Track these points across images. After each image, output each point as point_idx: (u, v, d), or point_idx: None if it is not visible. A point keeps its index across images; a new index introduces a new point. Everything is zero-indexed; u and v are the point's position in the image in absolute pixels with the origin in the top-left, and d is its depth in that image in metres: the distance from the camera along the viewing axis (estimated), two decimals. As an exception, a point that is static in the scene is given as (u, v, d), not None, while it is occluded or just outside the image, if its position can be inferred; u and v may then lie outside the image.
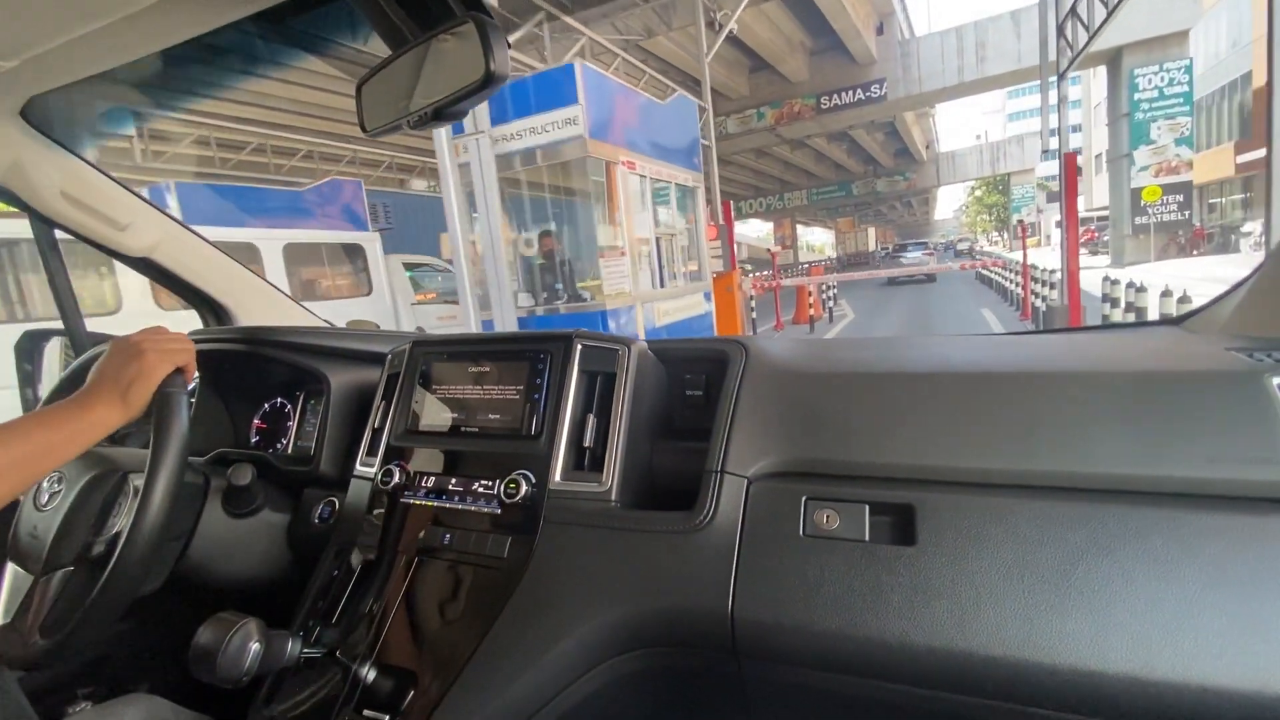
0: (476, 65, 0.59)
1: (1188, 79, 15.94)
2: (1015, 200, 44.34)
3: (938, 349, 0.84)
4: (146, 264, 1.25)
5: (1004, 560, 0.57)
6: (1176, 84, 15.97)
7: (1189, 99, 16.10)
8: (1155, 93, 16.00)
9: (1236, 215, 21.10)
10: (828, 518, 0.66)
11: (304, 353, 1.07)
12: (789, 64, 17.74)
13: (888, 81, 18.21)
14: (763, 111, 19.35)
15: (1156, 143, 16.14)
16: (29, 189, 1.05)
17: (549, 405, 0.80)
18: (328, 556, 0.89)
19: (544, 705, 0.67)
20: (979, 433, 0.66)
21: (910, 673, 0.58)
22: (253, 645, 0.64)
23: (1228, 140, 20.66)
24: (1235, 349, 0.68)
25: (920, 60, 18.37)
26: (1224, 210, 22.02)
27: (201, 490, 0.91)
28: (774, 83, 19.08)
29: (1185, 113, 16.14)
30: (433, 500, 0.84)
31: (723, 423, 0.75)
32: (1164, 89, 16.02)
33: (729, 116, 19.55)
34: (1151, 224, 16.55)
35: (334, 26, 1.46)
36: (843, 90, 18.45)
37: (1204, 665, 0.49)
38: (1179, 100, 16.06)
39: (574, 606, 0.69)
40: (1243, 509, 0.55)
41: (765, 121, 19.40)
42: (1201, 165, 18.58)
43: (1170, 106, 16.07)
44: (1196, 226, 18.54)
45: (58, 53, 0.75)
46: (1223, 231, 20.10)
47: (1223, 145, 20.81)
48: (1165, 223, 16.58)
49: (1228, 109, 20.90)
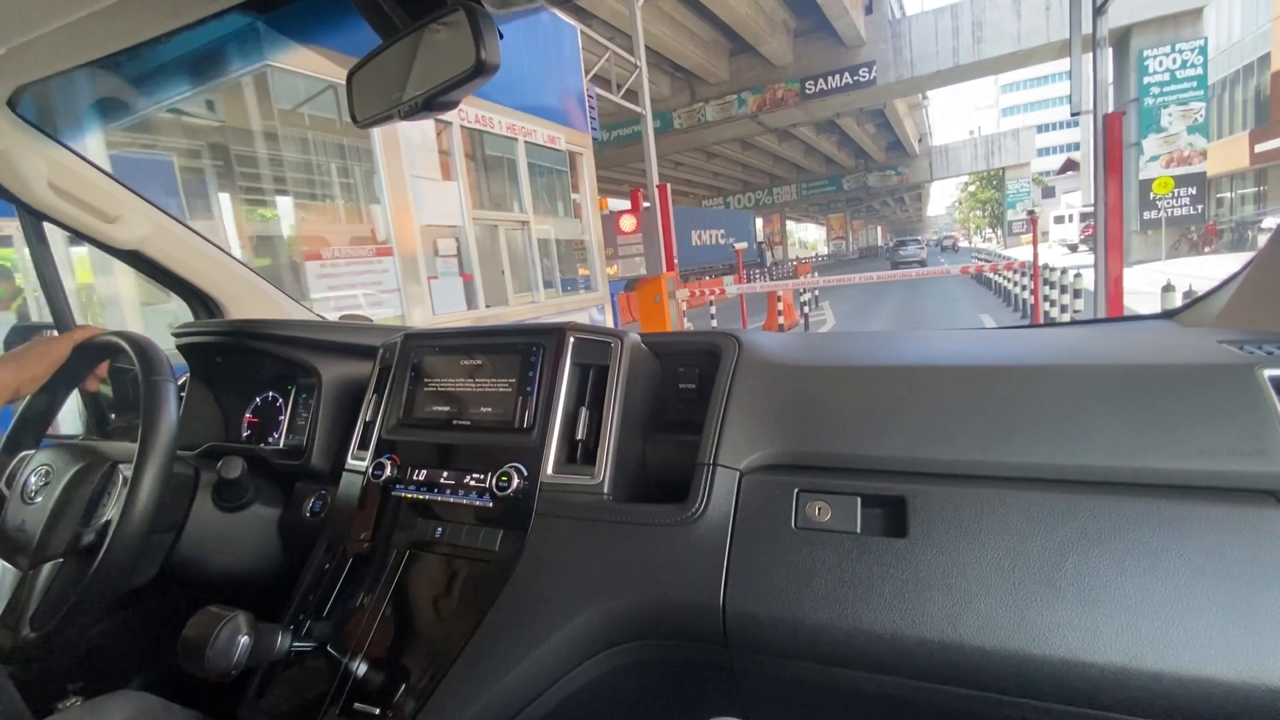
0: (467, 54, 0.59)
1: (1202, 61, 14.74)
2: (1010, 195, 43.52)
3: (930, 343, 0.84)
4: (136, 257, 1.23)
5: (995, 552, 0.58)
6: (1190, 66, 14.77)
7: (1203, 83, 14.90)
8: (1166, 76, 14.81)
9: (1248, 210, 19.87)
10: (819, 510, 0.66)
11: (295, 346, 1.06)
12: (771, 45, 16.57)
13: (877, 65, 17.20)
14: (744, 97, 18.18)
15: (1167, 130, 14.96)
16: (16, 180, 1.05)
17: (541, 398, 0.80)
18: (319, 550, 0.88)
19: (536, 698, 0.68)
20: (971, 425, 0.66)
21: (901, 664, 0.58)
22: (241, 638, 0.64)
23: (1242, 129, 19.41)
24: (1227, 342, 0.69)
25: (912, 42, 17.29)
26: (1232, 205, 20.80)
27: (191, 483, 0.92)
28: (755, 66, 17.96)
29: (1199, 97, 14.93)
30: (424, 493, 0.84)
31: (715, 415, 0.75)
32: (1176, 72, 14.85)
33: (707, 103, 18.45)
34: (1162, 219, 15.33)
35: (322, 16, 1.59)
36: (829, 74, 17.33)
37: (1194, 656, 0.50)
38: (1192, 84, 14.86)
39: (566, 599, 0.69)
40: (1233, 500, 0.55)
41: (747, 108, 18.17)
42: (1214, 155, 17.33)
43: (1183, 91, 14.87)
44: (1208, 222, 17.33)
45: (44, 41, 0.76)
46: (1238, 227, 18.84)
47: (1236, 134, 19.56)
48: (1176, 217, 15.38)
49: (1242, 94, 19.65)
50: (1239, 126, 19.75)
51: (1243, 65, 19.27)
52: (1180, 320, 0.93)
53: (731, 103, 18.38)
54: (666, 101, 18.75)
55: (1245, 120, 19.49)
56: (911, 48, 17.29)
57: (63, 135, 1.07)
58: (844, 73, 17.22)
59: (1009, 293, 10.55)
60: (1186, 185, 15.11)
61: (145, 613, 1.03)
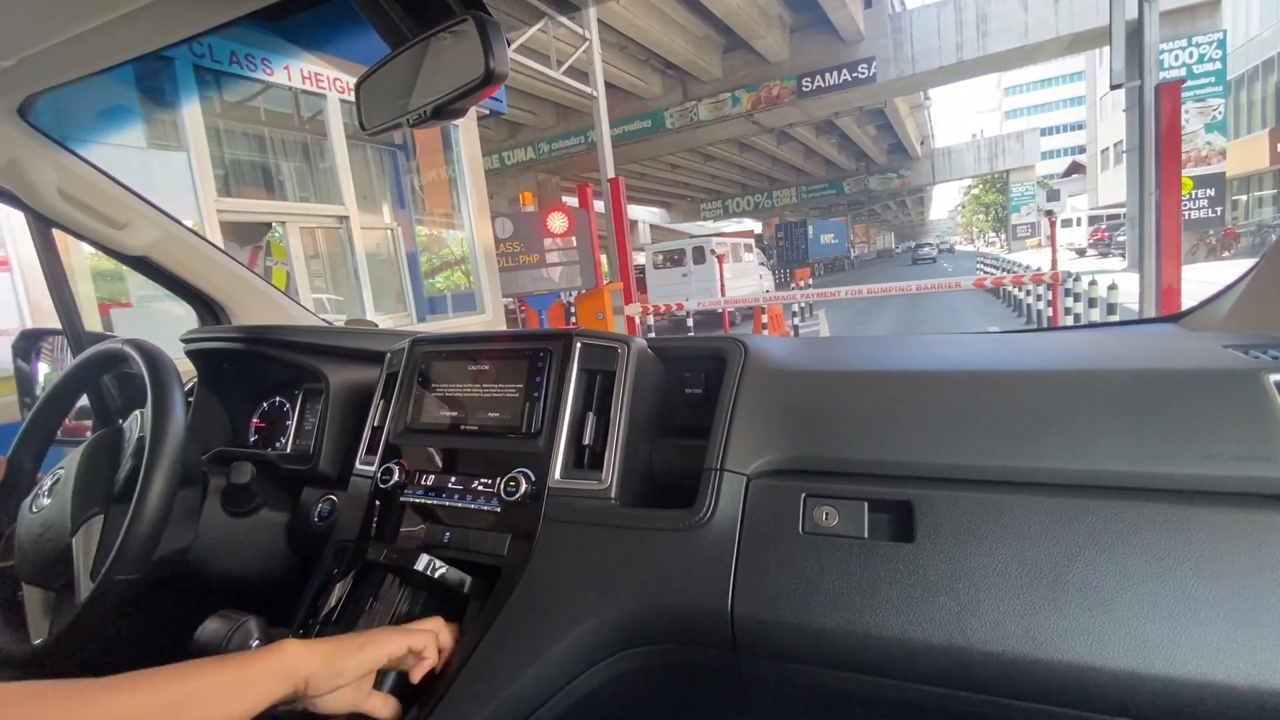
0: (476, 63, 0.59)
1: (1220, 55, 13.94)
2: (1014, 199, 42.64)
3: (937, 347, 0.84)
4: (144, 263, 1.25)
5: (1002, 556, 0.58)
6: (1208, 61, 13.99)
7: (1222, 78, 14.12)
8: (1183, 71, 13.94)
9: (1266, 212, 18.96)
10: (827, 515, 0.66)
11: (303, 351, 1.07)
12: (765, 40, 15.83)
13: (877, 61, 16.40)
14: (738, 96, 17.38)
15: (1184, 129, 14.06)
16: (26, 188, 1.05)
17: (548, 403, 0.80)
18: (327, 555, 0.89)
19: (544, 702, 0.68)
20: (978, 430, 0.66)
21: (909, 669, 0.58)
22: (253, 643, 0.65)
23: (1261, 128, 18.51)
24: (1233, 346, 0.69)
25: (913, 36, 16.52)
26: (1249, 207, 19.89)
27: (200, 487, 0.91)
28: (750, 63, 17.22)
29: (1217, 94, 14.16)
30: (432, 498, 0.84)
31: (722, 421, 0.75)
32: (1193, 67, 14.01)
33: (700, 101, 17.66)
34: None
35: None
36: (827, 71, 16.55)
37: (1201, 660, 0.50)
38: (1210, 80, 14.08)
39: (574, 604, 0.70)
40: (1239, 505, 0.55)
41: (741, 107, 17.37)
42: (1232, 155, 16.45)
43: (1200, 87, 14.09)
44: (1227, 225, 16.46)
45: (55, 51, 0.76)
46: (1258, 230, 17.90)
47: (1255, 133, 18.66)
48: (1194, 220, 14.55)
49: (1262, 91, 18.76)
50: (1258, 125, 18.86)
51: (1262, 60, 18.39)
52: (1185, 324, 0.95)
53: (725, 101, 17.58)
54: (658, 100, 18.05)
55: (1265, 119, 18.59)
56: (913, 43, 16.52)
57: (72, 142, 1.06)
58: (842, 69, 16.40)
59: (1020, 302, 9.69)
60: (1205, 186, 14.32)
61: (154, 617, 0.98)
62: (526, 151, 19.43)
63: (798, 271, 22.54)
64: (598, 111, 6.15)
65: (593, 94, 6.15)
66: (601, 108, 6.11)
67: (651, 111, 18.07)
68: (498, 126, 19.71)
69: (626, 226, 4.94)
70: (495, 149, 20.14)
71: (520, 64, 5.95)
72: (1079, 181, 38.08)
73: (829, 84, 16.55)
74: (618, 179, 5.50)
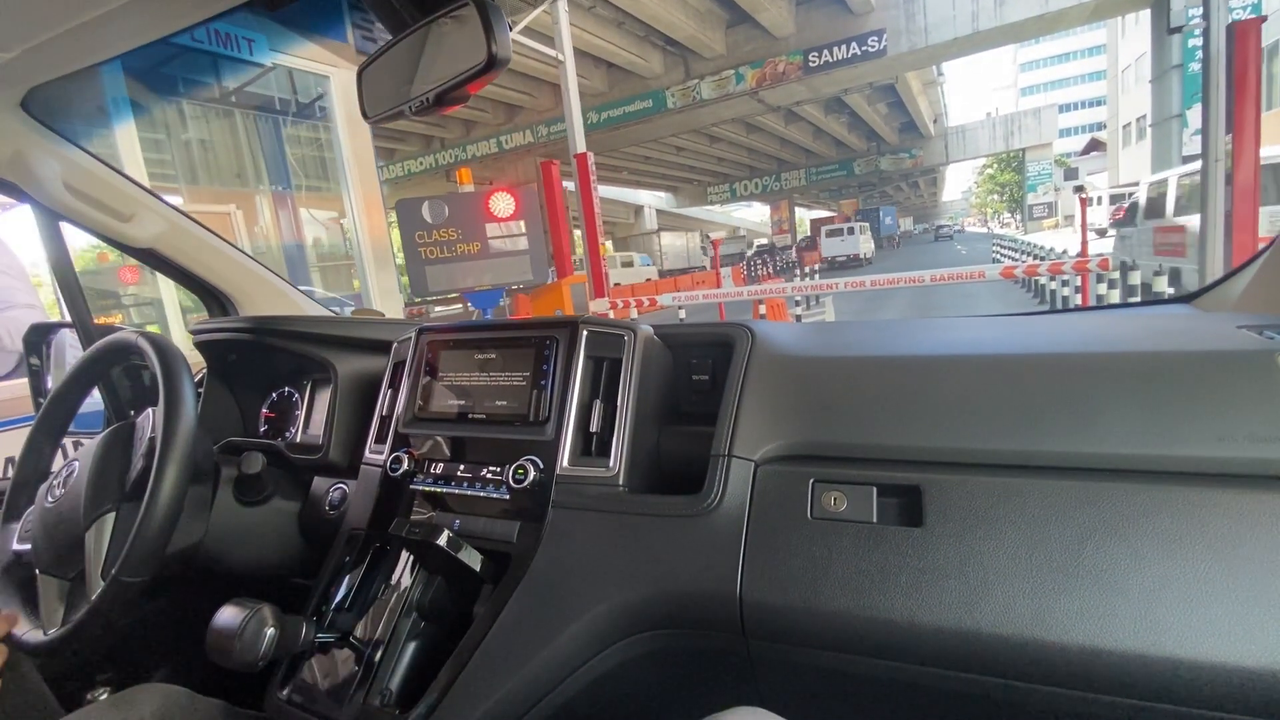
0: (478, 48, 0.59)
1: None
2: (1031, 178, 41.38)
3: (945, 331, 0.83)
4: (150, 255, 1.24)
5: (1012, 540, 0.58)
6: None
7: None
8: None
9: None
10: (835, 500, 0.66)
11: (310, 342, 1.07)
12: (770, 13, 15.12)
13: (887, 33, 15.59)
14: (742, 73, 16.64)
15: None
16: (31, 180, 1.05)
17: (556, 391, 0.80)
18: (339, 543, 0.89)
19: (555, 687, 0.69)
20: (987, 414, 0.66)
21: (918, 652, 0.59)
22: (268, 630, 0.66)
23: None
24: (1246, 327, 0.68)
25: (926, 6, 15.68)
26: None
27: (212, 480, 0.92)
28: (755, 38, 16.50)
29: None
30: (441, 486, 0.85)
31: (729, 406, 0.75)
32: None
33: (703, 79, 16.99)
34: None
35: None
36: (835, 45, 15.78)
37: (1213, 643, 0.50)
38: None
39: (583, 590, 0.70)
40: (1253, 487, 0.55)
41: (745, 84, 16.66)
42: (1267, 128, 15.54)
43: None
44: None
45: (57, 42, 0.76)
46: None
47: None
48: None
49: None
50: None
51: (1297, 27, 17.36)
52: (1199, 305, 0.94)
53: (729, 79, 16.88)
54: (659, 79, 17.40)
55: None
56: (925, 13, 15.64)
57: (80, 136, 1.06)
58: (851, 43, 15.61)
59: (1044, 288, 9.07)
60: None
61: (169, 606, 1.02)
62: (525, 135, 18.90)
63: (807, 256, 22.46)
64: (565, 78, 5.53)
65: (559, 58, 5.51)
66: (570, 74, 5.50)
67: (653, 91, 17.44)
68: (495, 110, 19.17)
69: (597, 207, 4.40)
70: (493, 133, 19.63)
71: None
72: (1098, 159, 36.90)
73: (837, 58, 15.78)
74: (585, 155, 4.86)
